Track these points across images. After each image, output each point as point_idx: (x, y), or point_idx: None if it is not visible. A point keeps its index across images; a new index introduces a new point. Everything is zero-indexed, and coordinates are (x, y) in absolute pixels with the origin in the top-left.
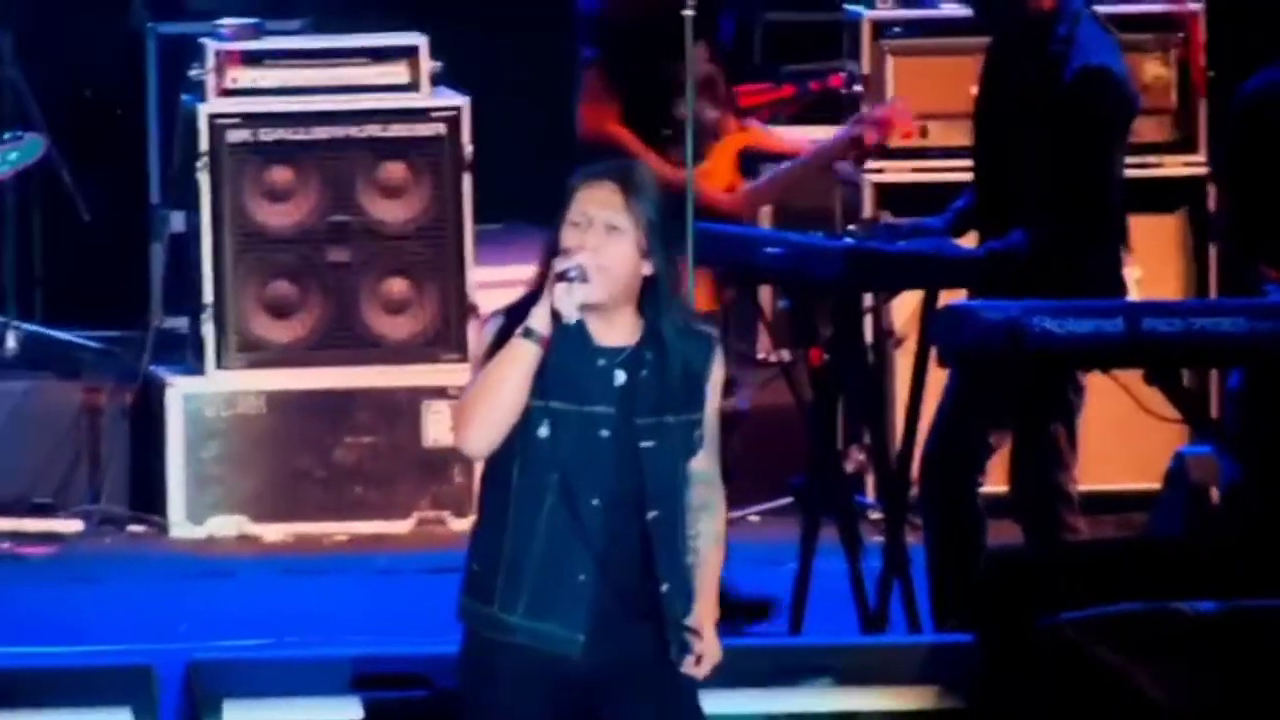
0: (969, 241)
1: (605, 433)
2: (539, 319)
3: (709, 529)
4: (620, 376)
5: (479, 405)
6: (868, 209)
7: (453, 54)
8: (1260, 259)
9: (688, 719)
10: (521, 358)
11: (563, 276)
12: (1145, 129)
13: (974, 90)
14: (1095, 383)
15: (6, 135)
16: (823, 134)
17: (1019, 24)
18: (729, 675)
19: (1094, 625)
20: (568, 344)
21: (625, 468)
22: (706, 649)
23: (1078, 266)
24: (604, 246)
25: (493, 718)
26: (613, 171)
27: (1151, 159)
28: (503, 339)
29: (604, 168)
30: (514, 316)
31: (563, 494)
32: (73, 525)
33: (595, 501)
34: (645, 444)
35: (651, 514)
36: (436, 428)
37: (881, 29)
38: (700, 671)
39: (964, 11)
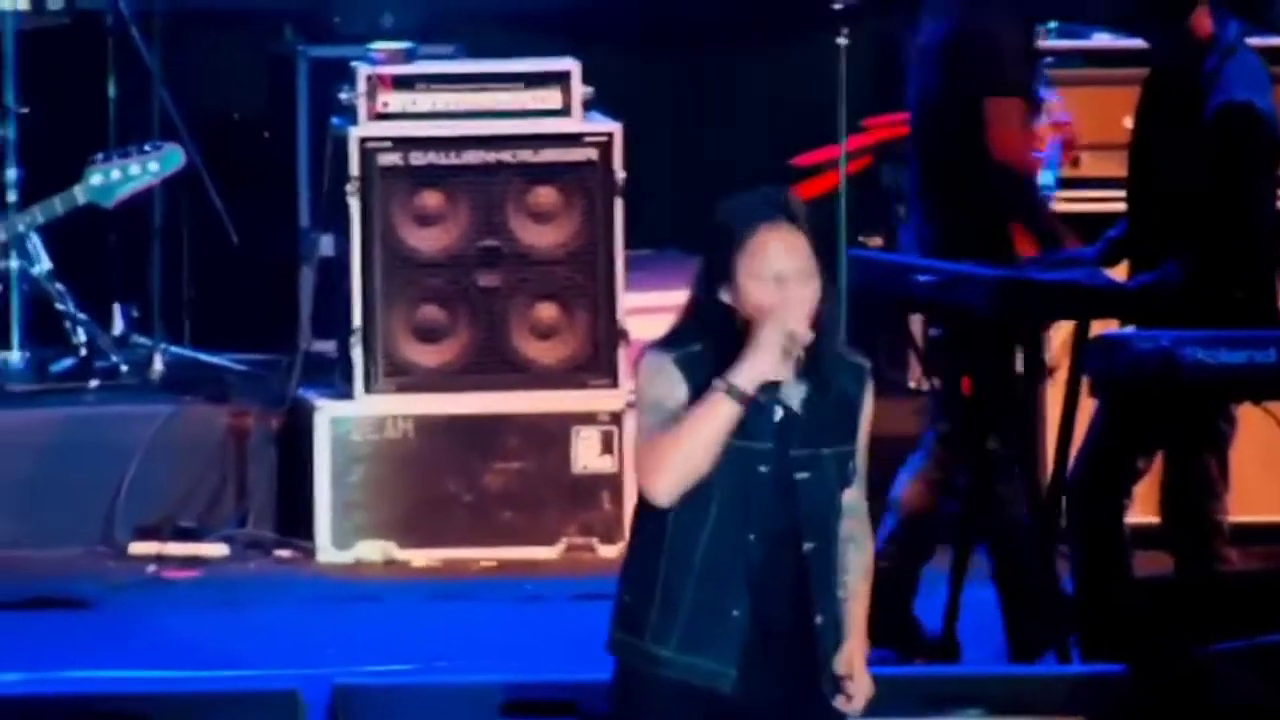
0: (1121, 272)
1: (764, 468)
2: (747, 380)
3: (858, 562)
4: (779, 412)
5: (675, 458)
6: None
7: (604, 78)
8: None
9: None
10: (725, 416)
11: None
12: None
13: (1128, 121)
14: (1247, 414)
15: (146, 145)
16: None
17: (1176, 54)
18: (879, 705)
19: (1245, 657)
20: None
21: (782, 501)
22: (859, 683)
23: (1229, 298)
24: (805, 299)
25: None
26: (784, 209)
27: None
28: (673, 380)
29: (771, 206)
30: (674, 349)
31: (719, 528)
32: (218, 549)
33: (751, 536)
34: (801, 476)
35: (807, 546)
36: (586, 454)
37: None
38: (854, 708)
39: (1119, 42)
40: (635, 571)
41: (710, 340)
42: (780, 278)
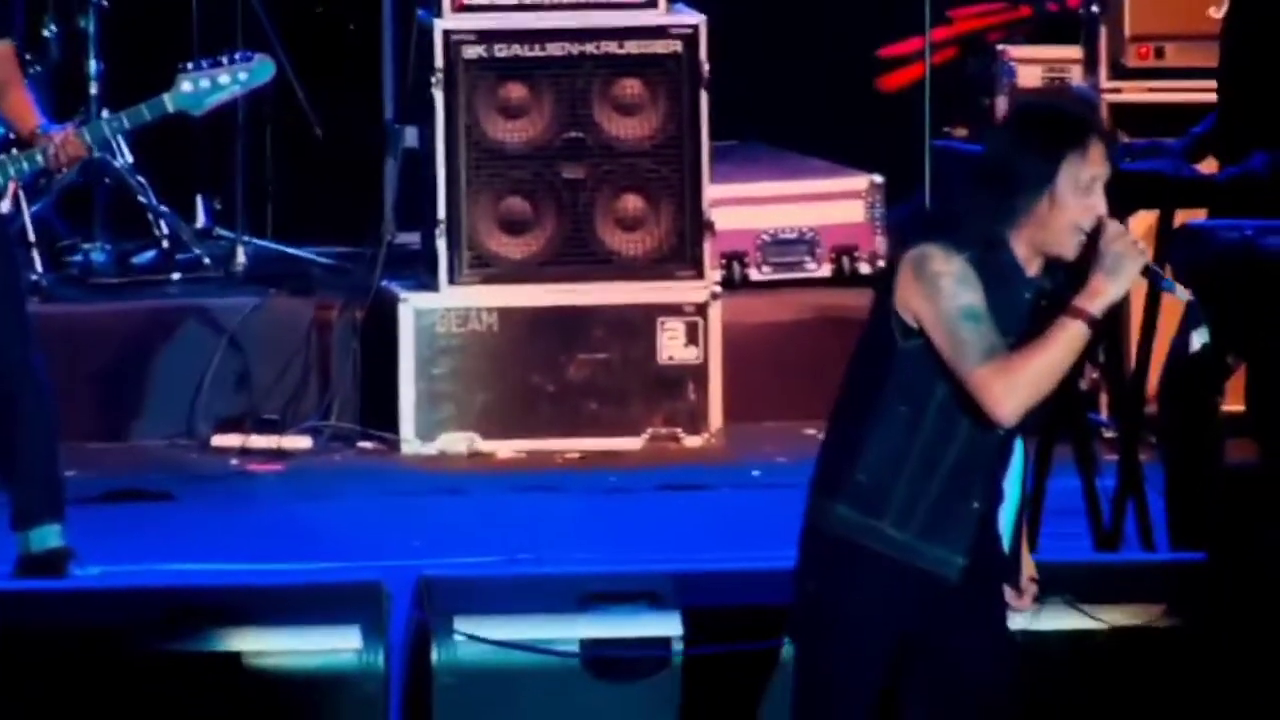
0: (1207, 168)
1: None
2: (1104, 307)
3: None
4: (1029, 307)
5: (1032, 388)
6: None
7: None
8: None
9: (1008, 648)
10: (1080, 345)
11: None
12: None
13: (1215, 12)
14: None
15: (237, 55)
16: (1059, 54)
17: None
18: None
19: None
20: (1008, 277)
21: None
22: (1030, 582)
23: None
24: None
25: (851, 625)
26: (1099, 113)
27: None
28: (975, 285)
29: (1094, 112)
30: (960, 249)
31: (976, 423)
32: (302, 442)
33: (1001, 431)
34: None
35: (1022, 440)
36: (671, 344)
37: None
38: (1025, 605)
39: None
40: (879, 454)
41: (993, 243)
42: (1093, 186)
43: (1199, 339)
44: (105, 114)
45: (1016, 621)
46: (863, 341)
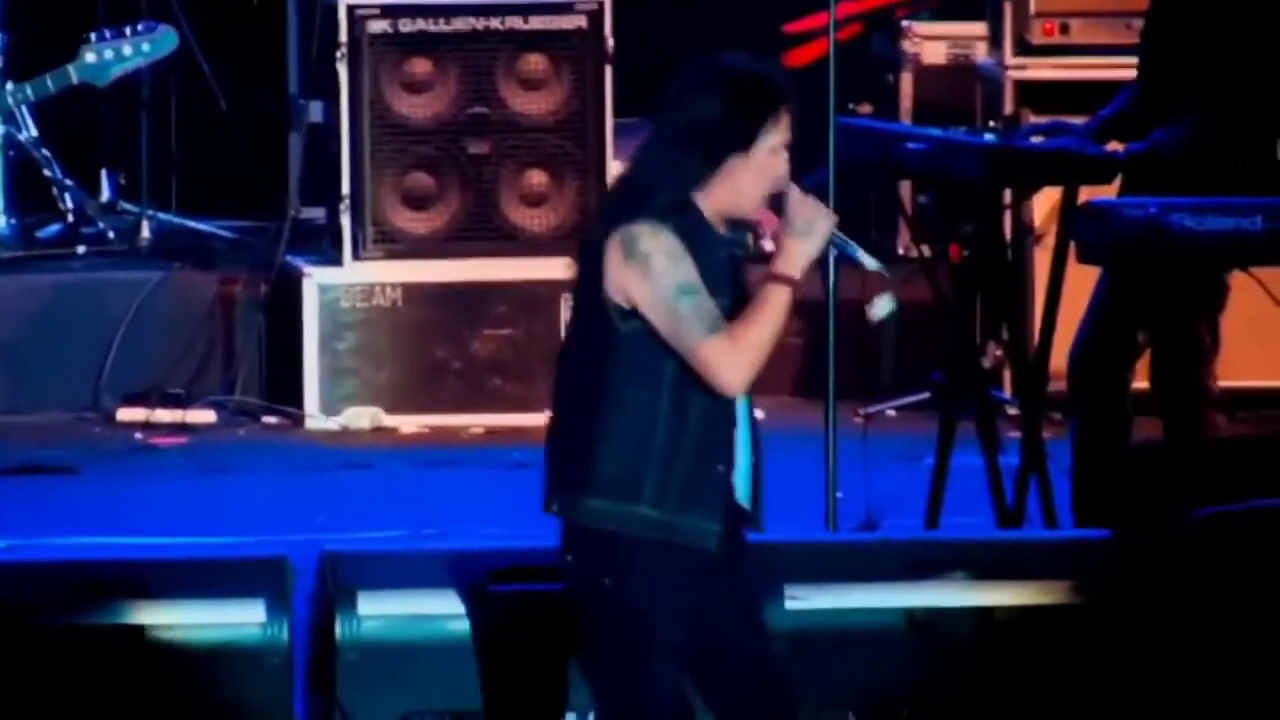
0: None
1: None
2: (802, 268)
3: None
4: (729, 265)
5: (755, 356)
6: (1008, 106)
7: None
8: None
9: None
10: (787, 307)
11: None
12: None
13: None
14: (1236, 280)
15: (140, 26)
16: (964, 30)
17: None
18: (864, 569)
19: (1232, 521)
20: (704, 238)
21: None
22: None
23: (1228, 167)
24: None
25: (648, 619)
26: (790, 83)
27: None
28: (684, 255)
29: (787, 84)
30: (661, 218)
31: (710, 393)
32: (206, 416)
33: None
34: None
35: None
36: None
37: None
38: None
39: None
40: (622, 441)
41: (684, 205)
42: (781, 151)
43: (883, 307)
44: (8, 85)
45: (916, 598)
46: (574, 332)
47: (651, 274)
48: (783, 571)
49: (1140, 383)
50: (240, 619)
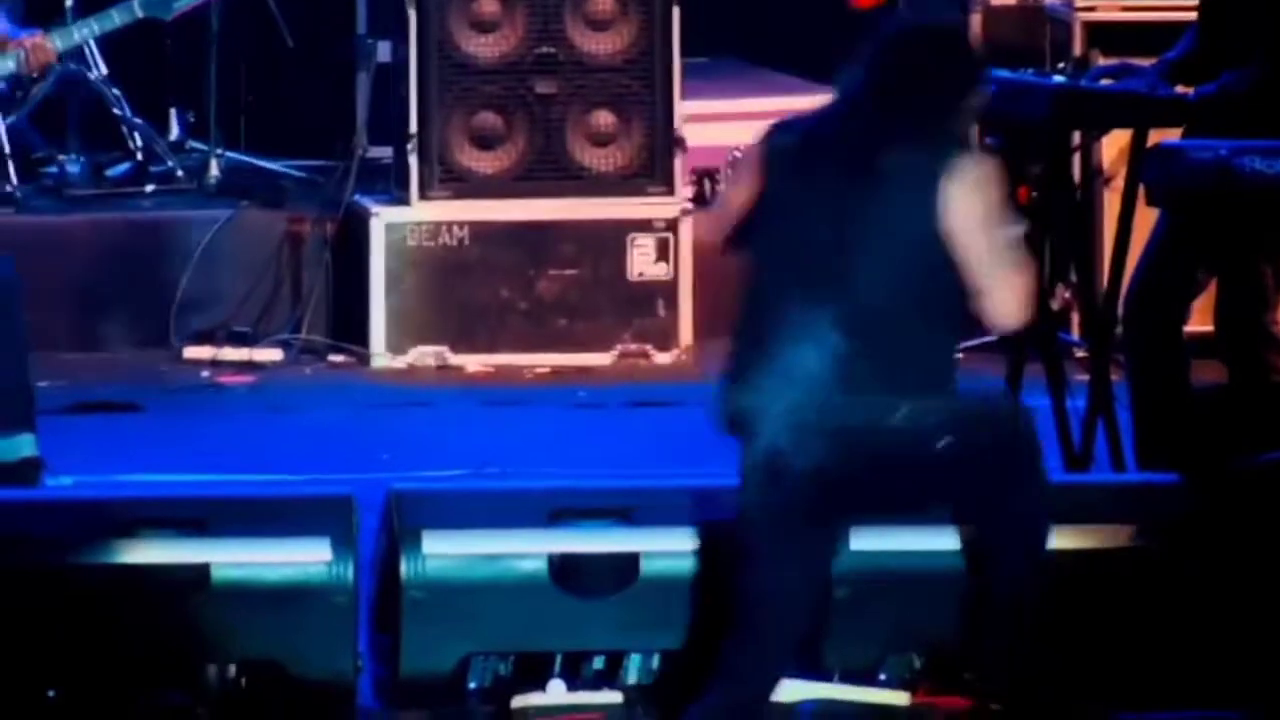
0: (1184, 88)
1: None
2: None
3: None
4: None
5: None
6: (1078, 47)
7: None
8: None
9: None
10: None
11: None
12: None
13: None
14: None
15: None
16: None
17: None
18: (930, 514)
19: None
20: None
21: None
22: None
23: None
24: None
25: None
26: None
27: None
28: None
29: None
30: None
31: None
32: (273, 354)
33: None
34: None
35: None
36: (641, 261)
37: None
38: None
39: None
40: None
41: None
42: None
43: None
44: (75, 21)
45: None
46: (889, 240)
47: (996, 201)
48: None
49: (1200, 325)
50: (306, 557)
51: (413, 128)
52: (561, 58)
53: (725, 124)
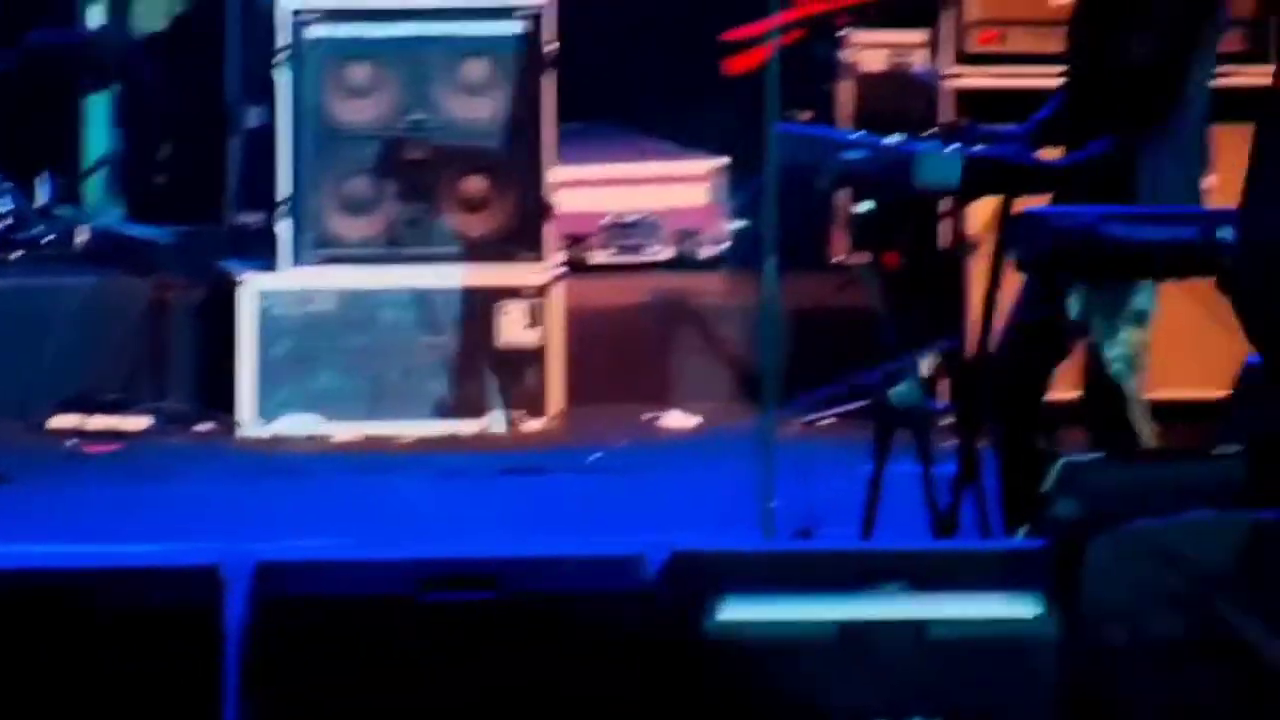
0: (1049, 154)
1: None
2: None
3: None
4: None
5: None
6: (948, 114)
7: None
8: None
9: None
10: None
11: None
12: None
13: None
14: (1168, 290)
15: None
16: (904, 39)
17: None
18: (799, 580)
19: (1163, 533)
20: None
21: None
22: None
23: (1156, 174)
24: None
25: None
26: None
27: (1227, 69)
28: None
29: None
30: None
31: None
32: (139, 423)
33: None
34: None
35: None
36: (512, 327)
37: None
38: None
39: None
40: None
41: None
42: None
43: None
44: None
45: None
46: None
47: None
48: (716, 581)
49: (1072, 392)
50: (173, 626)
51: (283, 194)
52: (433, 123)
53: (598, 190)
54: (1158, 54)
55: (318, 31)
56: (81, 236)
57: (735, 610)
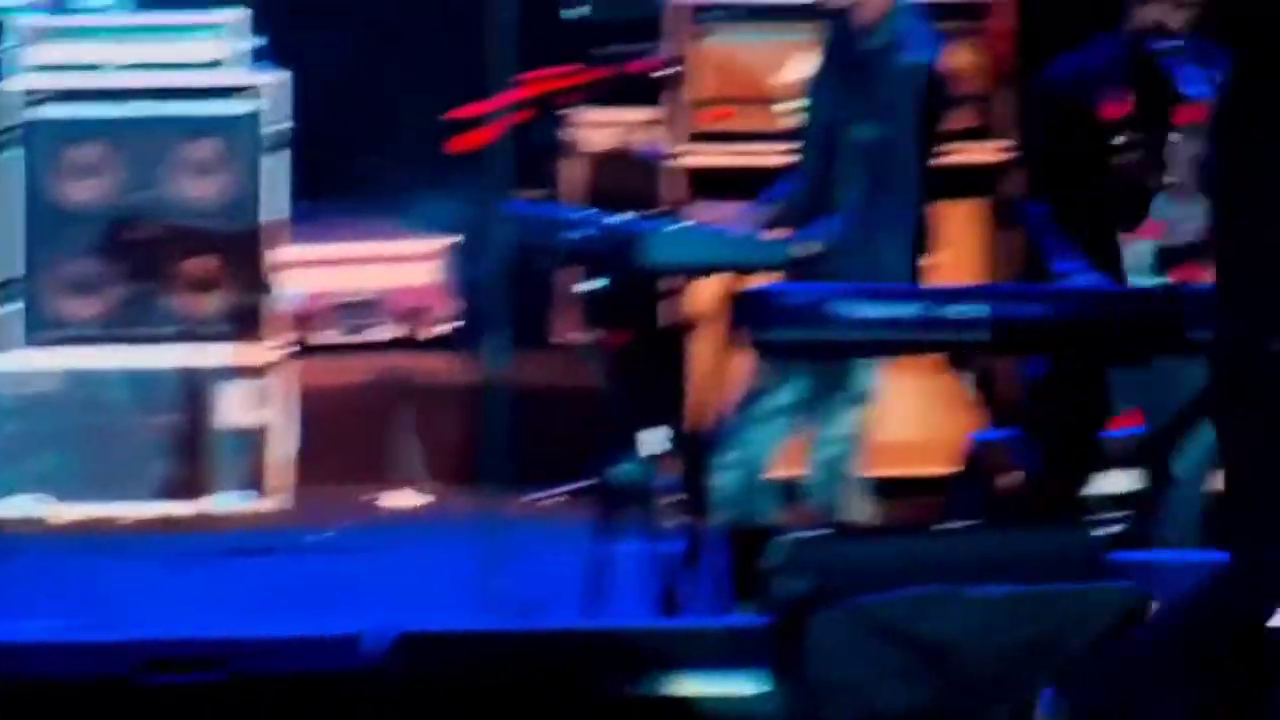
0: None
1: None
2: None
3: None
4: None
5: None
6: (674, 192)
7: (276, 29)
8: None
9: None
10: None
11: None
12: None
13: (778, 78)
14: (893, 366)
15: None
16: (635, 116)
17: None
18: (527, 662)
19: (888, 607)
20: None
21: None
22: None
23: (881, 253)
24: None
25: None
26: None
27: (954, 145)
28: None
29: None
30: None
31: None
32: None
33: None
34: None
35: None
36: (238, 407)
37: (698, 12)
38: None
39: None
40: None
41: None
42: None
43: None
44: None
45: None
46: None
47: None
48: (440, 661)
49: (797, 469)
50: None
51: (9, 274)
52: (161, 203)
53: (326, 269)
54: (883, 134)
55: (48, 112)
56: None
57: (464, 689)
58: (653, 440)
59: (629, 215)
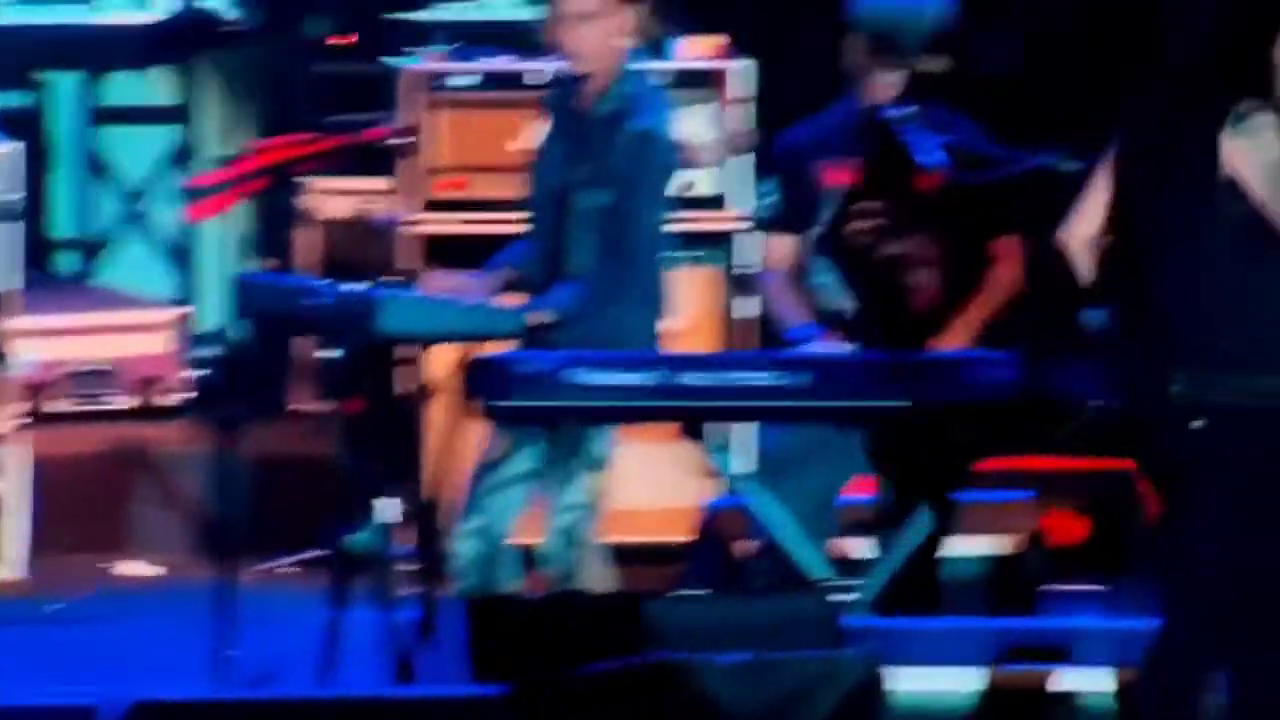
0: (514, 299)
1: None
2: None
3: None
4: None
5: None
6: (410, 260)
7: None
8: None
9: None
10: None
11: None
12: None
13: (523, 145)
14: (631, 433)
15: None
16: (368, 185)
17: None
18: None
19: (622, 677)
20: None
21: None
22: None
23: (615, 319)
24: None
25: None
26: None
27: (689, 213)
28: None
29: None
30: None
31: None
32: None
33: None
34: None
35: None
36: None
37: (432, 80)
38: None
39: (514, 65)
40: None
41: None
42: None
43: None
44: None
45: None
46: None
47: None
48: None
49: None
50: None
51: None
52: None
53: (59, 338)
54: (613, 200)
55: None
56: None
57: None
58: (388, 508)
59: (364, 283)
